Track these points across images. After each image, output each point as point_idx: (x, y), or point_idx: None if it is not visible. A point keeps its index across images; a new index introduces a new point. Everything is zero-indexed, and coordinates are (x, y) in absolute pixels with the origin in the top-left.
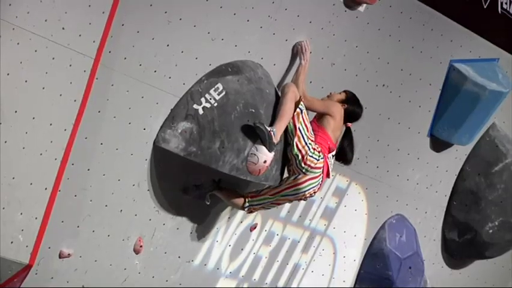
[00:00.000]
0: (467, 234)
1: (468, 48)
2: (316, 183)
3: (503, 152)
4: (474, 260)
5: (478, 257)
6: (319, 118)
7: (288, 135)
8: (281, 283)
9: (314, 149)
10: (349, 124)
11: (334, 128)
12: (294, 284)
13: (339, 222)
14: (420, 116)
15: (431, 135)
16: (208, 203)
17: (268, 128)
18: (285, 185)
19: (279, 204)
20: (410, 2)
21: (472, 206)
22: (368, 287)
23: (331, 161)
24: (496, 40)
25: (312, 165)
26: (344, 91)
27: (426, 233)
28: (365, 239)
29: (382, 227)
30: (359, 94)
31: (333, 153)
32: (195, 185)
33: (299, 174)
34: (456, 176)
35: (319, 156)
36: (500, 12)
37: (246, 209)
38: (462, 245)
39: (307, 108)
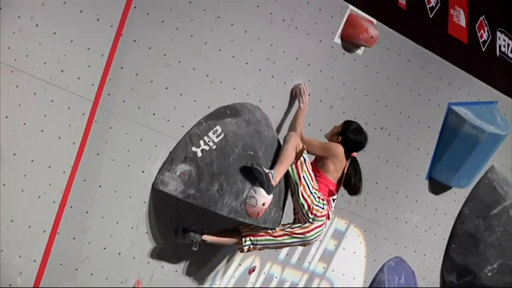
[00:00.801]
0: (466, 277)
1: (466, 91)
2: (322, 230)
3: (502, 194)
4: None
5: None
6: (318, 161)
7: (292, 184)
8: None
9: (319, 198)
10: (354, 154)
11: (334, 169)
12: None
13: (337, 265)
14: (419, 159)
15: (430, 178)
16: (196, 249)
17: (266, 170)
18: (291, 231)
19: (281, 247)
20: (408, 45)
21: (470, 249)
22: None
23: (332, 204)
24: (495, 83)
25: (318, 214)
26: (344, 121)
27: (425, 276)
28: (364, 282)
29: (381, 269)
30: None
31: (335, 196)
32: (182, 228)
33: (306, 223)
34: (455, 219)
35: (323, 204)
36: (498, 55)
37: (245, 248)
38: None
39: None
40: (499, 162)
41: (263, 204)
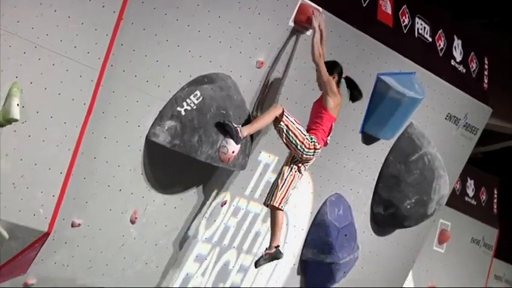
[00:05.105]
0: (390, 209)
1: (392, 64)
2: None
3: (419, 145)
4: (395, 229)
5: (398, 227)
6: (323, 99)
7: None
8: (245, 246)
9: (309, 148)
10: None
11: (334, 106)
12: (256, 247)
13: (291, 198)
14: (354, 117)
15: (363, 132)
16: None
17: (235, 125)
18: (291, 176)
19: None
20: (347, 28)
21: (394, 187)
22: (313, 250)
23: (328, 141)
24: (413, 58)
25: (307, 157)
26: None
27: (358, 208)
28: (311, 213)
29: (324, 203)
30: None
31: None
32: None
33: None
34: (382, 164)
35: (314, 152)
36: (416, 36)
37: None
38: (386, 217)
39: (317, 66)
40: (417, 119)
41: (233, 152)
